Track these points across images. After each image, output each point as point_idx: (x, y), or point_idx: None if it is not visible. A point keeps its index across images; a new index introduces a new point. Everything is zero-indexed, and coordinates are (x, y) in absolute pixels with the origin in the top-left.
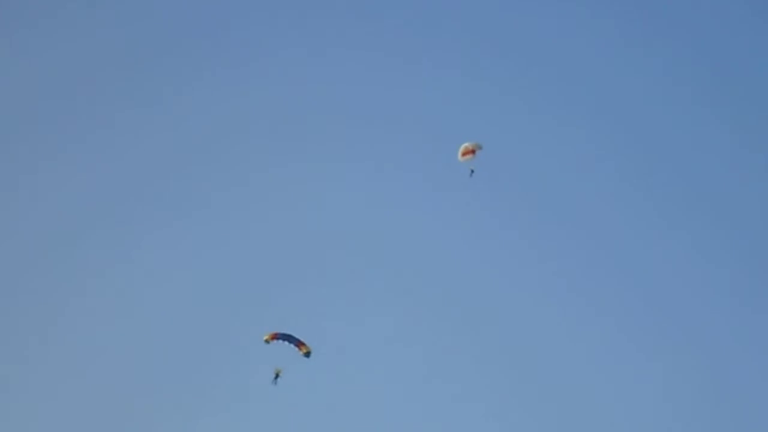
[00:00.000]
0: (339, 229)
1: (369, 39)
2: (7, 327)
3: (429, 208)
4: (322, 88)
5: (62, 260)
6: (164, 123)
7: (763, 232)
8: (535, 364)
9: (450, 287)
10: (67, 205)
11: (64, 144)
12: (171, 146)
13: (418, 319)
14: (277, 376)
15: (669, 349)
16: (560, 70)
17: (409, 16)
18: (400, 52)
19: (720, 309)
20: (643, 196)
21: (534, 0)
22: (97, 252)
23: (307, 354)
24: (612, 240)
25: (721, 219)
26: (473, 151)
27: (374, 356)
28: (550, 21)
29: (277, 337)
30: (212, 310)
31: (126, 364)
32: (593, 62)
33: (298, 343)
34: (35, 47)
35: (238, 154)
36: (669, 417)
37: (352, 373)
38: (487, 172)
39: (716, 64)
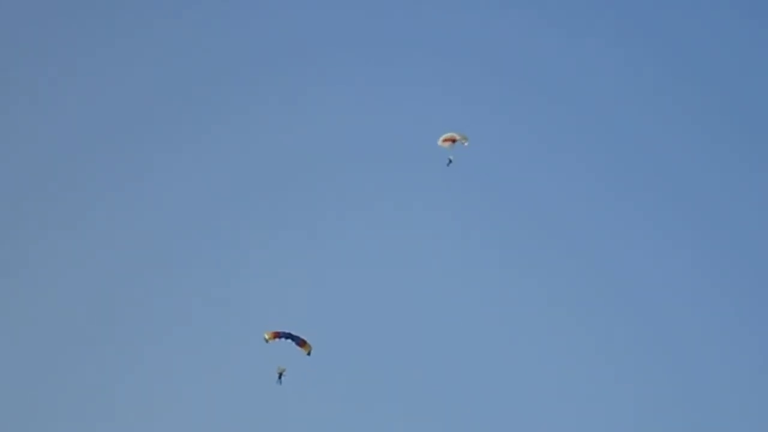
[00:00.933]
0: None
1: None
2: None
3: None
4: None
5: None
6: None
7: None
8: None
9: None
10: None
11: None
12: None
13: None
14: (280, 375)
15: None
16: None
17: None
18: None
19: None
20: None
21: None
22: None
23: (309, 353)
24: None
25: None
26: (454, 140)
27: None
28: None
29: (278, 336)
30: None
31: None
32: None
33: (300, 342)
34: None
35: None
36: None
37: None
38: None
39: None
